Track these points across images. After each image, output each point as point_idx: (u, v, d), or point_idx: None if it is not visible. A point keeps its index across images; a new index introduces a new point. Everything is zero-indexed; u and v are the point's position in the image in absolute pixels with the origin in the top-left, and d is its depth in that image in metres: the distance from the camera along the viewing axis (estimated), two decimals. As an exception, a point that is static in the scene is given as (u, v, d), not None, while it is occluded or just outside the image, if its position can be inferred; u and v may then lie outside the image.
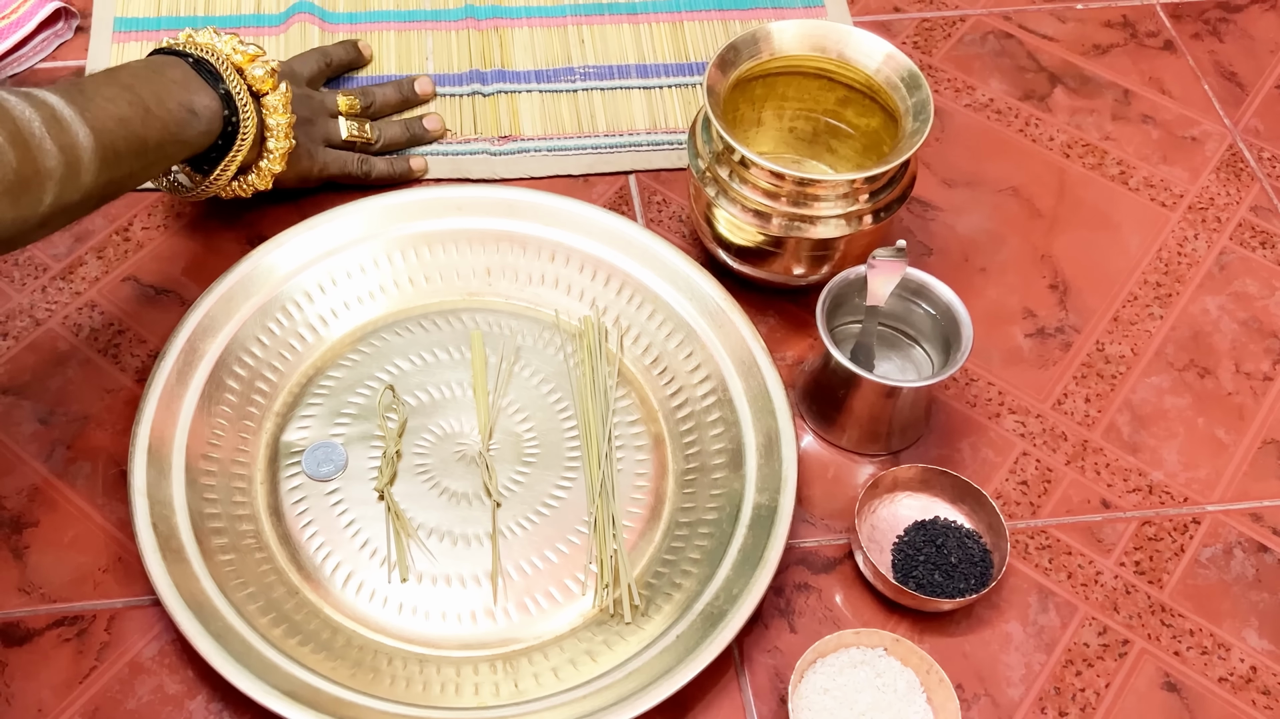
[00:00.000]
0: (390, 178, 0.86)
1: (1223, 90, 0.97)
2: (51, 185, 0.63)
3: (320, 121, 0.84)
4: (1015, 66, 0.97)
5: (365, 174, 0.85)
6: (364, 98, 0.87)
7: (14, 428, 0.74)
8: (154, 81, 0.71)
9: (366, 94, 0.88)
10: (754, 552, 0.68)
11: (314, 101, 0.84)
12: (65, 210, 0.65)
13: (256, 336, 0.76)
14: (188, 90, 0.72)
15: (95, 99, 0.66)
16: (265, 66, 0.76)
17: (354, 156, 0.85)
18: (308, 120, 0.82)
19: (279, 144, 0.77)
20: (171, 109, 0.70)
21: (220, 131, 0.74)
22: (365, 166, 0.85)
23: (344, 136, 0.85)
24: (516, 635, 0.68)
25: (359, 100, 0.87)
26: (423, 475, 0.73)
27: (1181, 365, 0.81)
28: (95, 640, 0.67)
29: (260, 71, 0.76)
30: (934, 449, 0.76)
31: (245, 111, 0.74)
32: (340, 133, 0.85)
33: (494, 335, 0.79)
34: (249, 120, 0.75)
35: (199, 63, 0.74)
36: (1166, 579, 0.72)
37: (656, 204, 0.87)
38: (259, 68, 0.76)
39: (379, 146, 0.87)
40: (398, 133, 0.88)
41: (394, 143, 0.87)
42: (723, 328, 0.77)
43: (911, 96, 0.76)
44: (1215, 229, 0.88)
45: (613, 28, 0.97)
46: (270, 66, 0.77)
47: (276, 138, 0.77)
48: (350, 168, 0.85)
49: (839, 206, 0.74)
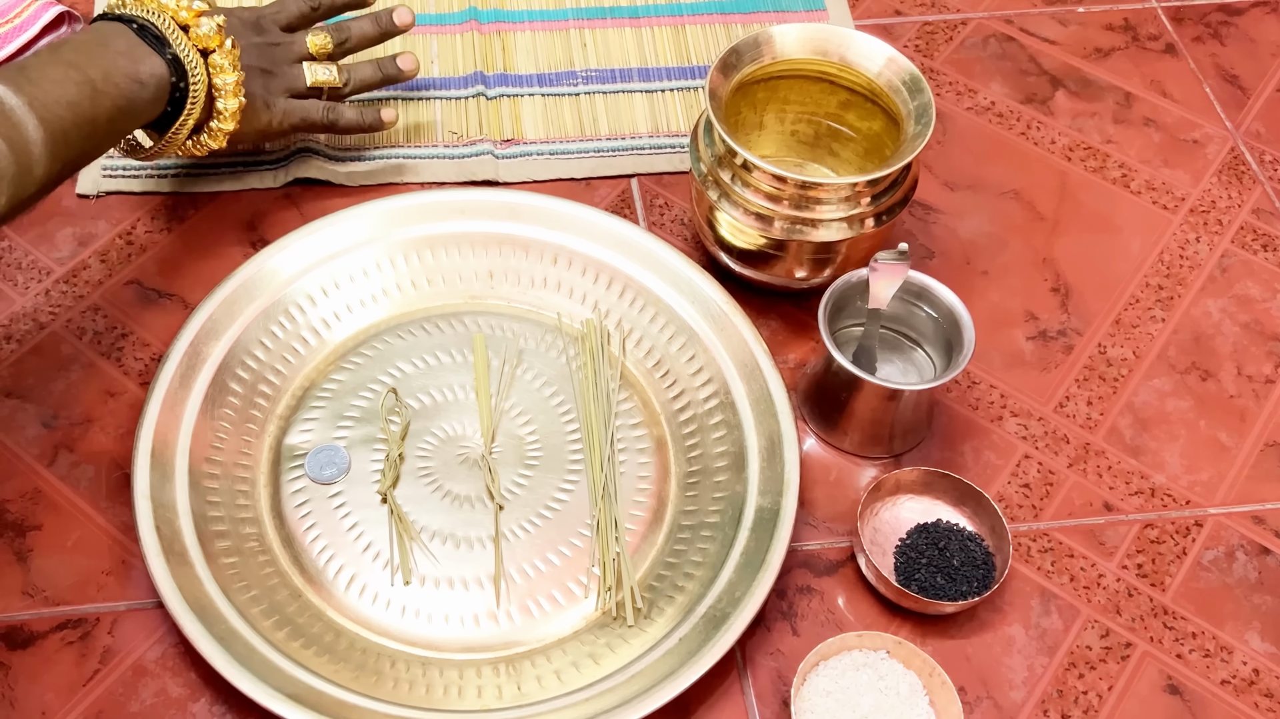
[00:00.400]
0: (359, 127, 0.83)
1: (1224, 93, 0.97)
2: (5, 186, 0.62)
3: (282, 71, 0.80)
4: (1017, 70, 0.97)
5: (331, 122, 0.82)
6: (337, 34, 0.83)
7: (17, 431, 0.75)
8: (100, 56, 0.69)
9: (340, 30, 0.84)
10: (756, 554, 0.68)
11: (276, 51, 0.80)
12: (21, 205, 0.65)
13: (260, 340, 0.76)
14: (134, 60, 0.70)
15: (42, 84, 0.65)
16: (211, 22, 0.73)
17: (319, 105, 0.82)
18: (265, 72, 0.79)
19: (227, 103, 0.75)
20: (119, 83, 0.68)
21: (169, 98, 0.72)
22: (331, 115, 0.82)
23: (309, 83, 0.81)
24: (519, 638, 0.68)
25: (331, 38, 0.83)
26: (425, 478, 0.73)
27: (1183, 368, 0.81)
28: (98, 644, 0.67)
29: (206, 28, 0.72)
30: (936, 452, 0.76)
31: (195, 74, 0.72)
32: (305, 80, 0.81)
33: (496, 338, 0.79)
34: (199, 83, 0.72)
35: (143, 28, 0.71)
36: (1169, 582, 0.72)
37: (658, 207, 0.87)
38: (205, 24, 0.72)
39: (349, 90, 0.84)
40: (369, 74, 0.84)
41: (366, 84, 0.84)
42: (725, 331, 0.77)
43: (913, 100, 0.76)
44: (1217, 232, 0.88)
45: (614, 31, 0.97)
46: (216, 22, 0.73)
47: (224, 96, 0.74)
48: (314, 115, 0.81)
49: (841, 210, 0.74)
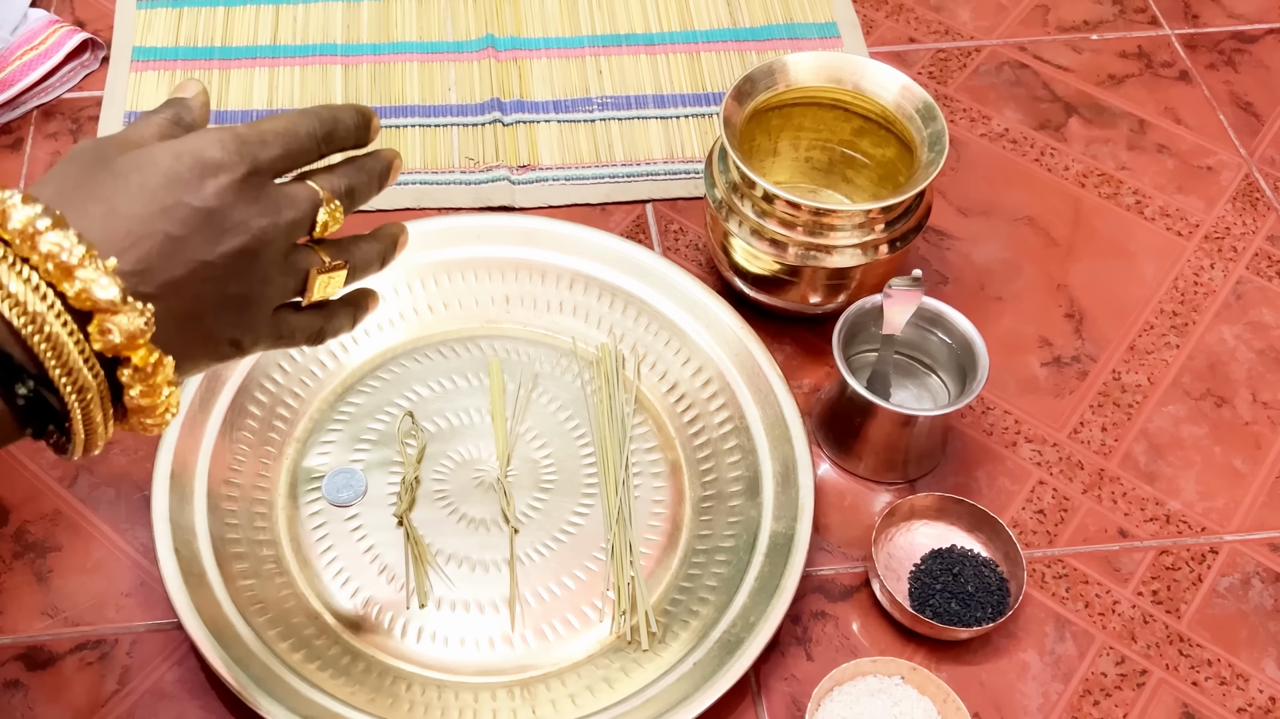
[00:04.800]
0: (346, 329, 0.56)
1: (1238, 120, 0.97)
2: None
3: (267, 285, 0.49)
4: (1030, 96, 0.98)
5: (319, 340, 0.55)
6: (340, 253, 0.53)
7: (39, 453, 0.75)
8: None
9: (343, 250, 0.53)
10: (771, 579, 0.68)
11: (266, 249, 0.47)
12: None
13: (278, 363, 0.77)
14: None
15: None
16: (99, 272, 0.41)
17: (309, 322, 0.53)
18: (238, 304, 0.47)
19: (143, 399, 0.44)
20: None
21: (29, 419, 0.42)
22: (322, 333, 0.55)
23: (310, 299, 0.52)
24: (534, 662, 0.68)
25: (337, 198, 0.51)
26: (441, 501, 0.74)
27: (1198, 395, 0.81)
28: (117, 664, 0.68)
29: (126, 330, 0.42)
30: (950, 477, 0.77)
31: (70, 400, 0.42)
32: (305, 289, 0.51)
33: (512, 362, 0.80)
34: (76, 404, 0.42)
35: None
36: (1184, 609, 0.72)
37: (673, 233, 0.88)
38: (125, 323, 0.41)
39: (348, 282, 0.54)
40: (372, 256, 0.55)
41: (367, 272, 0.55)
42: (739, 356, 0.77)
43: (927, 127, 0.76)
44: (1231, 259, 0.89)
45: (630, 59, 0.98)
46: (110, 266, 0.41)
47: (137, 390, 0.44)
48: (298, 342, 0.53)
49: (855, 236, 0.75)
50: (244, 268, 0.47)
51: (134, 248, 0.43)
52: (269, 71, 0.95)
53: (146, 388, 0.44)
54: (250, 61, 0.96)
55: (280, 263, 0.49)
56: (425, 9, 1.00)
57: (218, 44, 0.97)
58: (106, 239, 0.43)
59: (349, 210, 0.52)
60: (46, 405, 0.42)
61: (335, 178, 0.51)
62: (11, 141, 0.91)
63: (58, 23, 0.94)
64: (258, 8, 0.99)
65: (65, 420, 0.42)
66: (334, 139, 0.51)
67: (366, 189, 0.53)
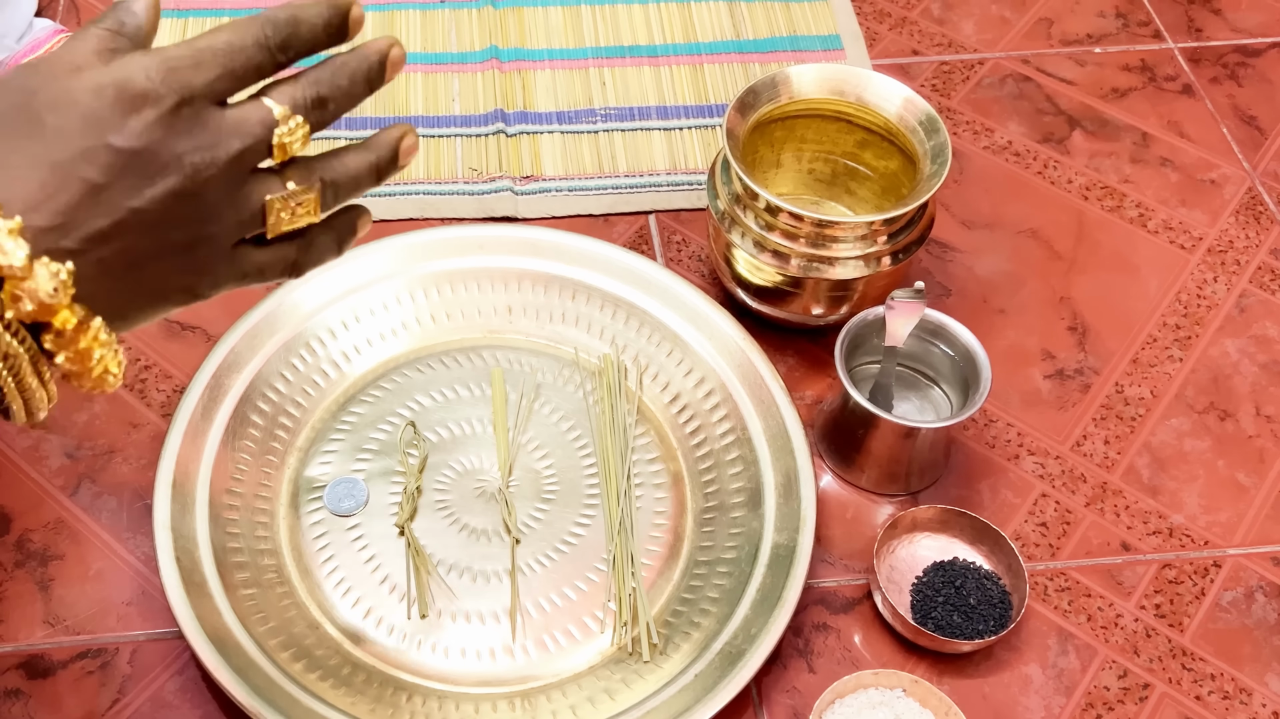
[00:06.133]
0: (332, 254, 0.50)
1: (1241, 134, 0.97)
2: None
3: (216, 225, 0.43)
4: (1034, 109, 0.98)
5: (295, 271, 0.48)
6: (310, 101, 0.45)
7: (41, 462, 0.75)
8: None
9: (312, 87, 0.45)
10: (773, 591, 0.68)
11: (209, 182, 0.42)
12: None
13: (280, 373, 0.77)
14: None
15: None
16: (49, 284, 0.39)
17: (280, 255, 0.47)
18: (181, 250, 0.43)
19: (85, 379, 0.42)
20: None
21: None
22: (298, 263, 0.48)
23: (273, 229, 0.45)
24: (535, 673, 0.68)
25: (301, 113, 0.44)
26: (443, 511, 0.74)
27: (1202, 408, 0.81)
28: (118, 673, 0.68)
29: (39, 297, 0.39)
30: (953, 490, 0.76)
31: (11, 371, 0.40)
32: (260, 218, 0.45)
33: (514, 372, 0.80)
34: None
35: None
36: (1187, 623, 0.72)
37: (676, 244, 0.88)
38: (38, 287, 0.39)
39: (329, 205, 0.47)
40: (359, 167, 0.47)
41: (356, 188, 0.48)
42: (741, 367, 0.77)
43: (930, 140, 0.76)
44: (1235, 272, 0.89)
45: (633, 70, 0.98)
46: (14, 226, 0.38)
47: (81, 374, 0.42)
48: (270, 275, 0.47)
49: (858, 248, 0.75)
50: (184, 210, 0.42)
51: (50, 200, 0.39)
52: (274, 82, 0.95)
53: (73, 353, 0.40)
54: None
55: (229, 197, 0.43)
56: (429, 20, 1.01)
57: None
58: (19, 192, 0.39)
59: (323, 123, 0.45)
60: None
61: (299, 87, 0.44)
62: (16, 150, 0.91)
63: (63, 31, 0.95)
64: (263, 18, 1.00)
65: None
66: (294, 44, 0.44)
67: (346, 94, 0.45)
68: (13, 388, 0.40)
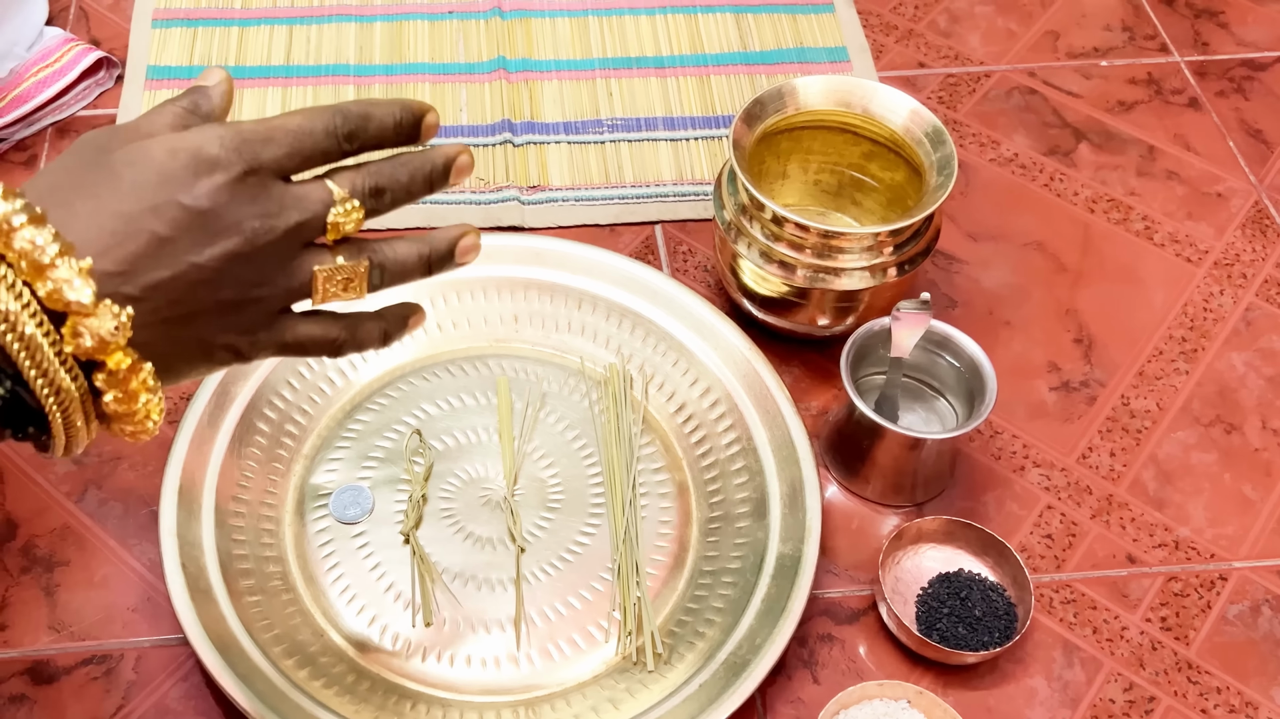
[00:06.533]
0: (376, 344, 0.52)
1: (1248, 147, 0.97)
2: None
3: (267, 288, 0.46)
4: (1040, 122, 0.98)
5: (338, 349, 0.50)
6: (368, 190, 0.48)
7: (47, 468, 0.76)
8: None
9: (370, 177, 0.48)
10: (777, 601, 0.68)
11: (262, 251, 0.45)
12: None
13: (287, 380, 0.77)
14: None
15: None
16: (72, 272, 0.40)
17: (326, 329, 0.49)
18: (229, 308, 0.45)
19: (117, 405, 0.43)
20: None
21: None
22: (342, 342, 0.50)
23: (318, 301, 0.48)
24: (539, 682, 0.68)
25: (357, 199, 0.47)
26: (448, 520, 0.74)
27: (1208, 421, 0.81)
28: (123, 679, 0.68)
29: (99, 335, 0.40)
30: (958, 501, 0.76)
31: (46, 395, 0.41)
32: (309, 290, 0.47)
33: (520, 381, 0.80)
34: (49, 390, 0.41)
35: None
36: (1193, 636, 0.72)
37: (682, 254, 0.88)
38: (99, 327, 0.40)
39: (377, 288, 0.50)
40: (408, 256, 0.50)
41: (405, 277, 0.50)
42: (747, 377, 0.77)
43: (936, 151, 0.77)
44: (1241, 285, 0.89)
45: (640, 81, 0.99)
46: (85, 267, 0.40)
47: (111, 396, 0.42)
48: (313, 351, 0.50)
49: (864, 259, 0.75)
50: (239, 271, 0.44)
51: (118, 247, 0.42)
52: (282, 91, 0.96)
53: (122, 394, 0.42)
54: (264, 81, 0.97)
55: (282, 265, 0.46)
56: (437, 31, 1.01)
57: (232, 63, 0.98)
58: (91, 238, 0.41)
59: (378, 210, 0.48)
60: (25, 406, 0.41)
61: (360, 175, 0.47)
62: (26, 158, 0.92)
63: (73, 41, 0.95)
64: (272, 28, 1.00)
65: (45, 422, 0.42)
66: (360, 136, 0.47)
67: (405, 189, 0.48)
68: (59, 424, 0.42)
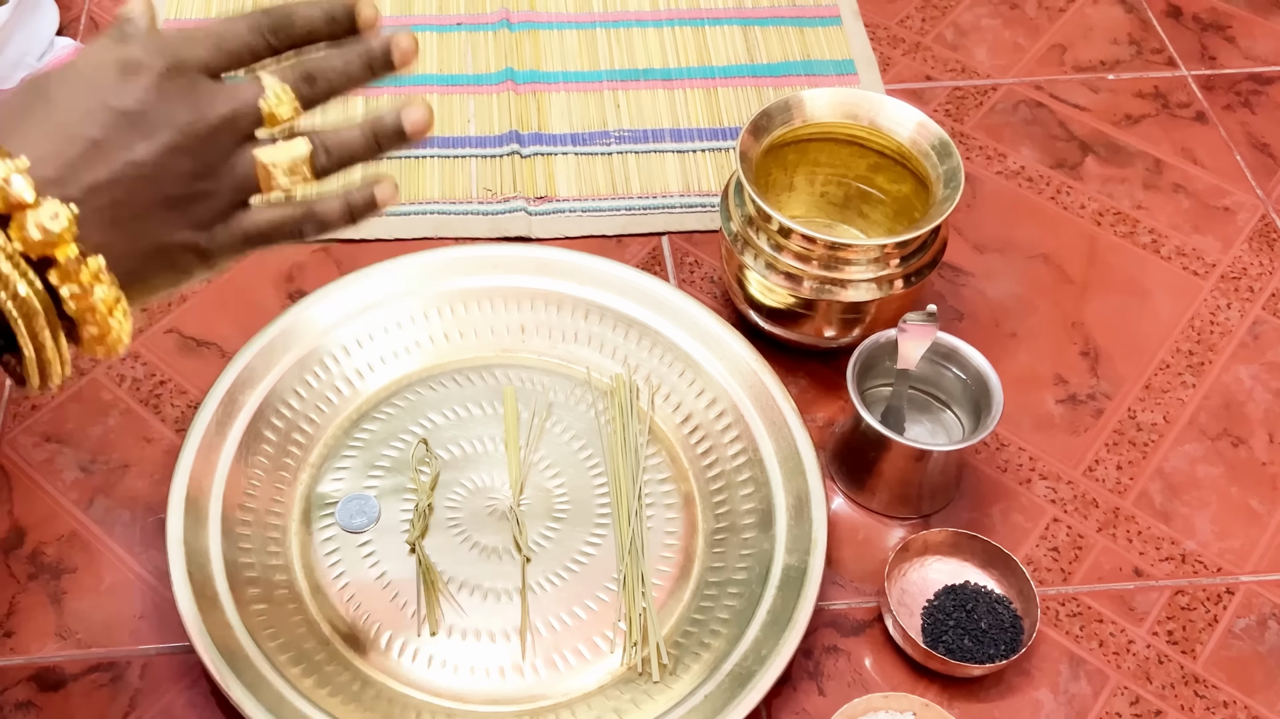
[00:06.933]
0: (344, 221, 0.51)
1: (1255, 161, 0.97)
2: None
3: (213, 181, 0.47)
4: (1047, 135, 0.98)
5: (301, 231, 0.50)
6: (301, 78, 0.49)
7: (55, 475, 0.76)
8: None
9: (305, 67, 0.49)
10: (783, 613, 0.68)
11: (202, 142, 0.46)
12: None
13: (294, 389, 0.77)
14: None
15: None
16: (52, 216, 0.42)
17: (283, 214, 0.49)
18: (180, 202, 0.46)
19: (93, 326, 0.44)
20: None
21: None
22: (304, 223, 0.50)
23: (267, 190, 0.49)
24: (544, 692, 0.68)
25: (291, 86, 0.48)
26: (454, 529, 0.74)
27: (1214, 434, 0.81)
28: (129, 687, 0.68)
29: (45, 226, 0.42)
30: (964, 513, 0.76)
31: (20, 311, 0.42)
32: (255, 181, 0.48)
33: (526, 391, 0.80)
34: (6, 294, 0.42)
35: None
36: (1200, 649, 0.72)
37: (689, 265, 0.88)
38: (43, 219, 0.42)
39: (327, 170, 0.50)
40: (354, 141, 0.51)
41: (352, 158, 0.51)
42: (753, 388, 0.77)
43: (942, 164, 0.77)
44: (1248, 299, 0.89)
45: (647, 93, 0.99)
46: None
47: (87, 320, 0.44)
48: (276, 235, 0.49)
49: (870, 271, 0.75)
50: (178, 165, 0.45)
51: (55, 155, 0.43)
52: (291, 101, 0.96)
53: (78, 289, 0.43)
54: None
55: (224, 158, 0.47)
56: (446, 42, 1.02)
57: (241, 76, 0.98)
58: (31, 151, 0.43)
59: (314, 99, 0.48)
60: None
61: (291, 65, 0.48)
62: (36, 167, 0.92)
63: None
64: (281, 39, 1.01)
65: (11, 338, 0.43)
66: (286, 28, 0.48)
67: (341, 73, 0.48)
68: (24, 333, 0.43)
